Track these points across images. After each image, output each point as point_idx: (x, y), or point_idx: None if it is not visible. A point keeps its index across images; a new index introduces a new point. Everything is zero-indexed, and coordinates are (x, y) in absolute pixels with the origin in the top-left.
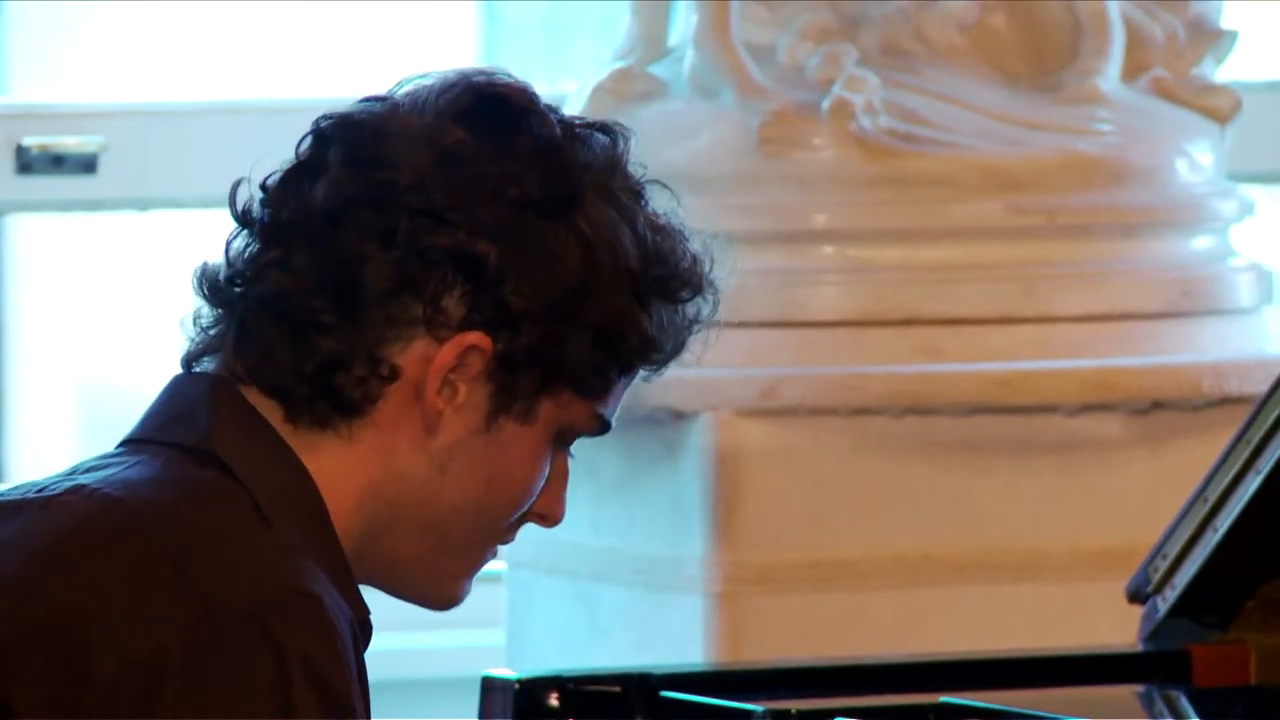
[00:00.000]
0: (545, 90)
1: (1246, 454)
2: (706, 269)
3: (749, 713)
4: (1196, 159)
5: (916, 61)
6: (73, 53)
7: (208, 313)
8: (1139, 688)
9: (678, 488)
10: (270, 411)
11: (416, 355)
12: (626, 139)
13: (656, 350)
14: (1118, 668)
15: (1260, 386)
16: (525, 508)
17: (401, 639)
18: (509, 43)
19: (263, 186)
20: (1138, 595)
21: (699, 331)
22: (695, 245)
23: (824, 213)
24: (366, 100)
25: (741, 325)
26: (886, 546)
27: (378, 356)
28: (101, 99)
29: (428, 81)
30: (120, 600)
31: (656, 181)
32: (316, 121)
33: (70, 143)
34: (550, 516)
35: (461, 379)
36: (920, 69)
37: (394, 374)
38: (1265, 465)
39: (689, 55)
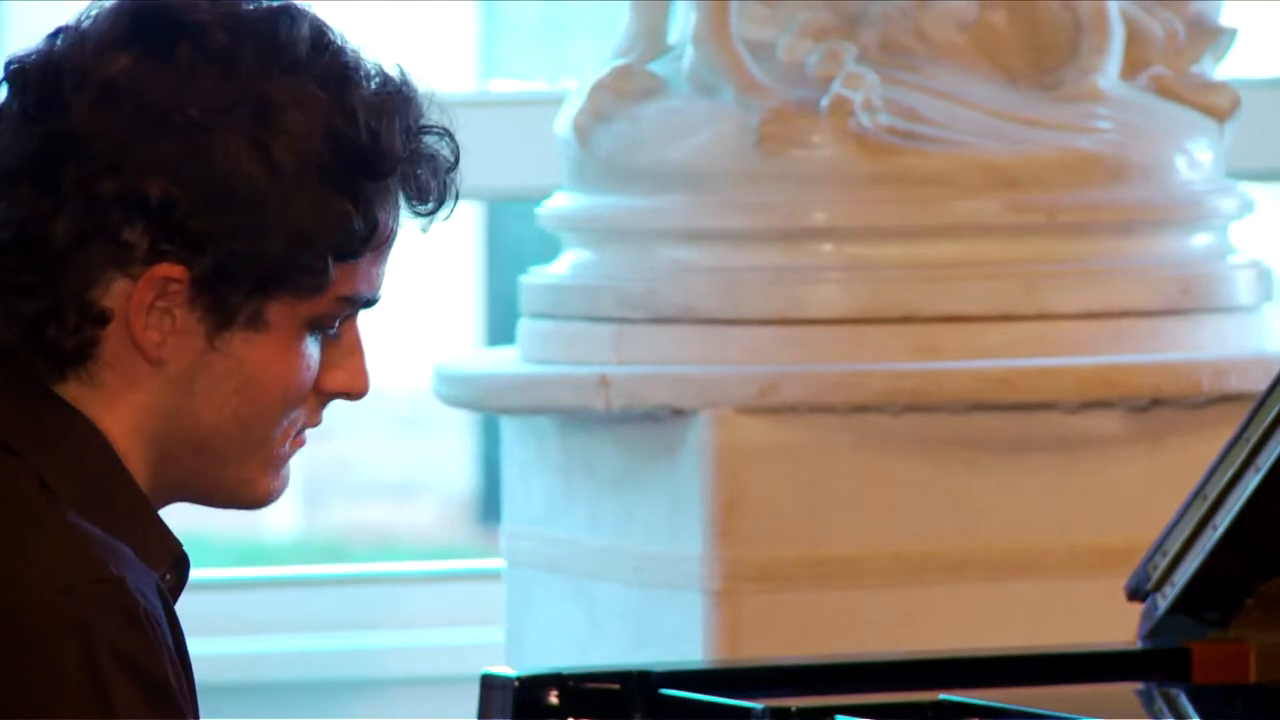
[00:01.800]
0: (545, 88)
1: (1246, 451)
2: (439, 130)
3: (748, 710)
4: (1196, 156)
5: (916, 59)
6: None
7: None
8: (1138, 685)
9: (677, 485)
10: (28, 372)
11: (119, 294)
12: (316, 17)
13: (379, 226)
14: (1117, 665)
15: (1259, 383)
16: (299, 399)
17: (401, 637)
18: (508, 41)
19: None
20: (1137, 593)
21: (437, 193)
22: (417, 108)
23: (823, 210)
24: (51, 33)
25: (740, 323)
26: (886, 544)
27: (84, 302)
28: None
29: (100, 5)
30: None
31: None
32: (5, 65)
33: None
34: (353, 391)
35: (173, 306)
36: (920, 66)
37: (104, 316)
38: (1265, 463)
39: (688, 53)
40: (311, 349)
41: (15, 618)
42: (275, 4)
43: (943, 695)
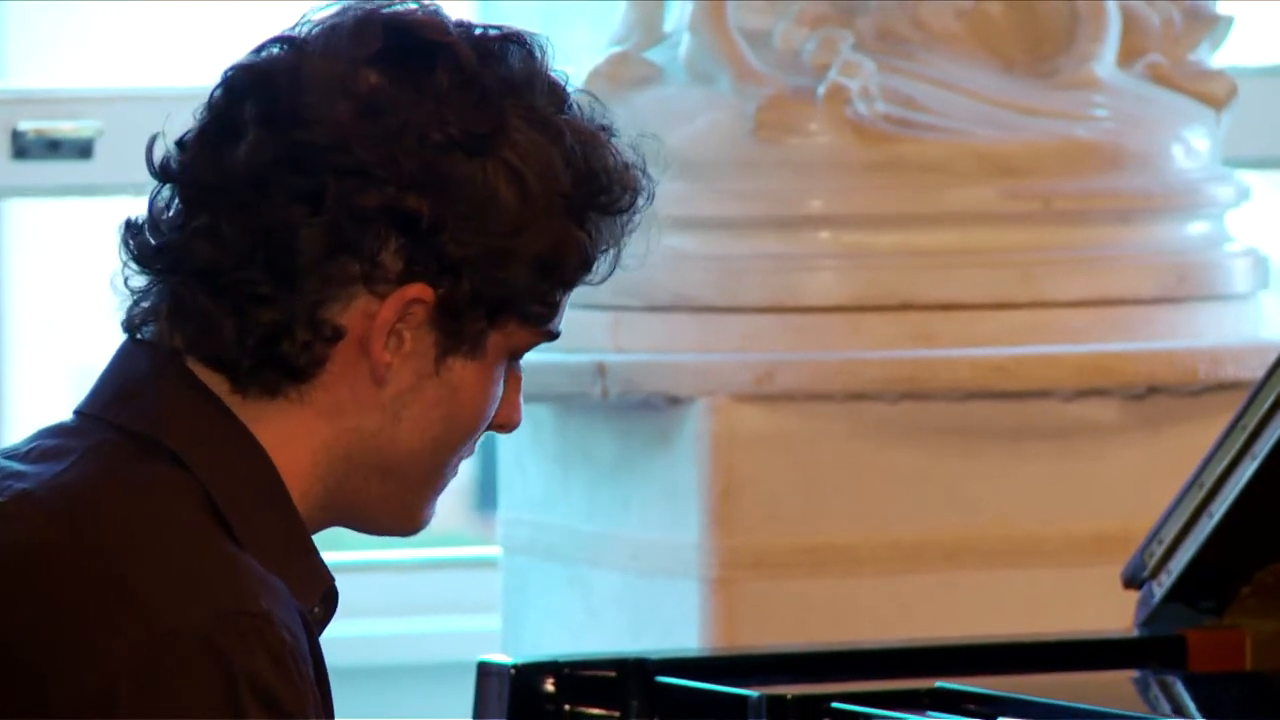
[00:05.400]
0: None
1: (1242, 439)
2: (640, 168)
3: (745, 698)
4: (1192, 144)
5: (912, 47)
6: (69, 38)
7: (137, 275)
8: (1134, 673)
9: (673, 473)
10: (216, 384)
11: (358, 312)
12: (541, 47)
13: (597, 262)
14: (1113, 653)
15: (1256, 371)
16: (483, 428)
17: (398, 624)
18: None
19: (180, 143)
20: (1133, 580)
21: (635, 229)
22: (622, 144)
23: (820, 198)
24: (274, 43)
25: (737, 310)
26: (882, 531)
27: (319, 319)
28: (97, 84)
29: (335, 17)
30: (67, 629)
31: (586, 92)
32: (225, 72)
33: (66, 128)
34: (508, 424)
35: (406, 328)
36: (916, 54)
37: (337, 334)
38: (1261, 450)
39: (685, 40)
40: (500, 383)
41: (161, 644)
42: (502, 28)
43: (939, 683)
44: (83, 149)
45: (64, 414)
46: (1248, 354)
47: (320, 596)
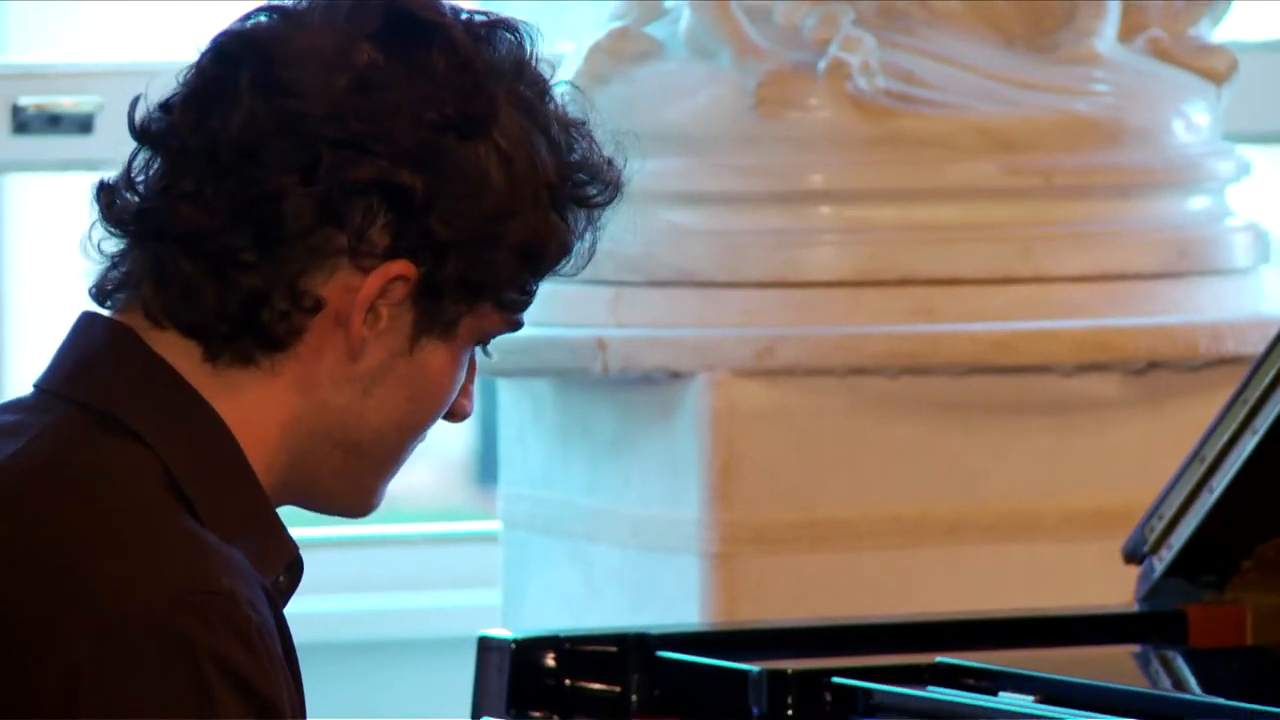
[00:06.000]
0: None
1: (1243, 414)
2: (618, 164)
3: (745, 672)
4: (1193, 119)
5: (913, 22)
6: (69, 13)
7: (111, 237)
8: (1135, 647)
9: (674, 448)
10: (187, 353)
11: (340, 285)
12: (531, 35)
13: (572, 255)
14: (1114, 628)
15: (1257, 346)
16: (443, 412)
17: (398, 599)
18: (505, 4)
19: (164, 106)
20: (1134, 555)
21: (601, 223)
22: (600, 138)
23: (820, 173)
24: (264, 11)
25: (737, 285)
26: (882, 506)
27: (300, 289)
28: (98, 59)
29: None
30: (25, 621)
31: (571, 84)
32: (216, 38)
33: (66, 102)
34: (461, 413)
35: (385, 305)
36: (916, 29)
37: (317, 305)
38: (1262, 425)
39: (685, 15)
40: (464, 367)
41: (121, 631)
42: (491, 15)
43: (939, 657)
44: (83, 124)
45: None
46: (1248, 329)
47: (284, 566)
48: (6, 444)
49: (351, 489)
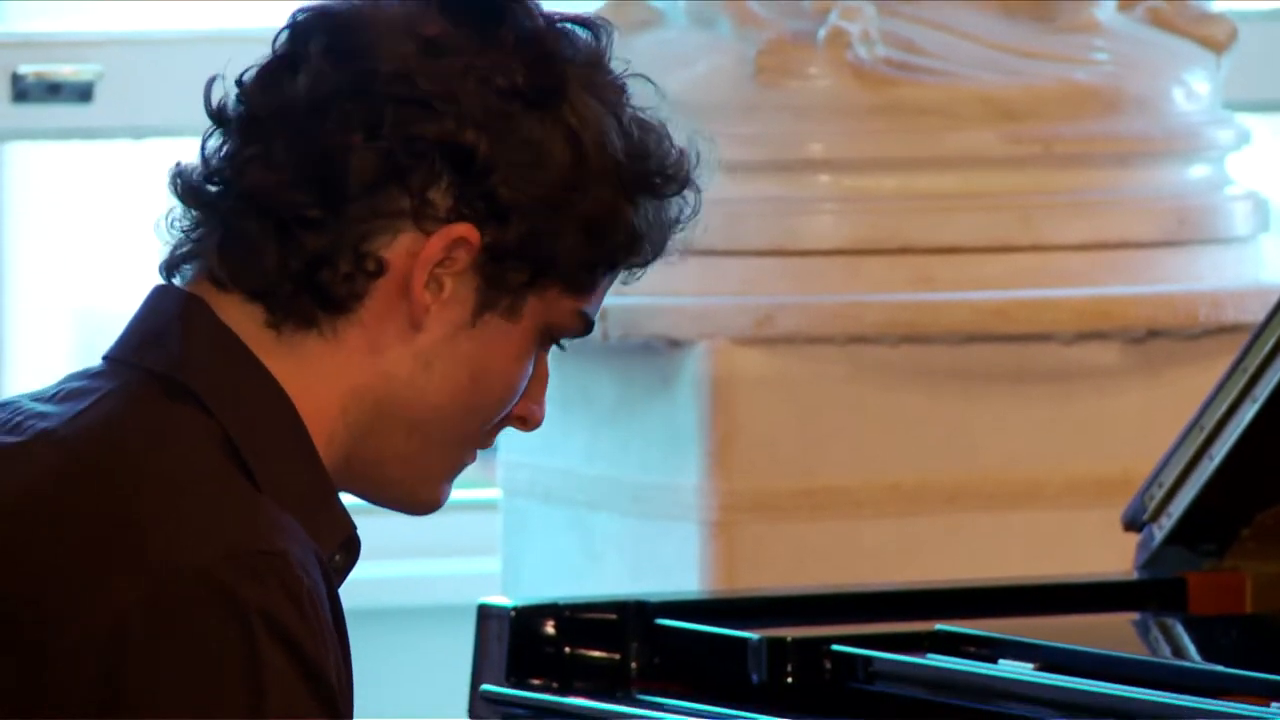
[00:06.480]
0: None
1: (1243, 382)
2: (690, 166)
3: (745, 640)
4: (1193, 88)
5: None
6: None
7: (184, 215)
8: (1134, 615)
9: (673, 416)
10: (251, 318)
11: (403, 249)
12: (609, 34)
13: (641, 246)
14: (1113, 595)
15: (1256, 315)
16: (508, 409)
17: (398, 567)
18: None
19: (239, 83)
20: (1134, 523)
21: (680, 230)
22: (678, 143)
23: (820, 142)
24: None
25: (737, 254)
26: (882, 475)
27: (363, 251)
28: (97, 27)
29: None
30: (78, 570)
31: (641, 75)
32: (293, 15)
33: (66, 71)
34: (530, 419)
35: (448, 273)
36: None
37: (380, 268)
38: (1261, 393)
39: None
40: (531, 359)
41: (173, 584)
42: (582, 15)
43: (939, 625)
44: (83, 92)
45: (65, 357)
46: (1248, 297)
47: (341, 544)
48: (71, 405)
49: (415, 476)
